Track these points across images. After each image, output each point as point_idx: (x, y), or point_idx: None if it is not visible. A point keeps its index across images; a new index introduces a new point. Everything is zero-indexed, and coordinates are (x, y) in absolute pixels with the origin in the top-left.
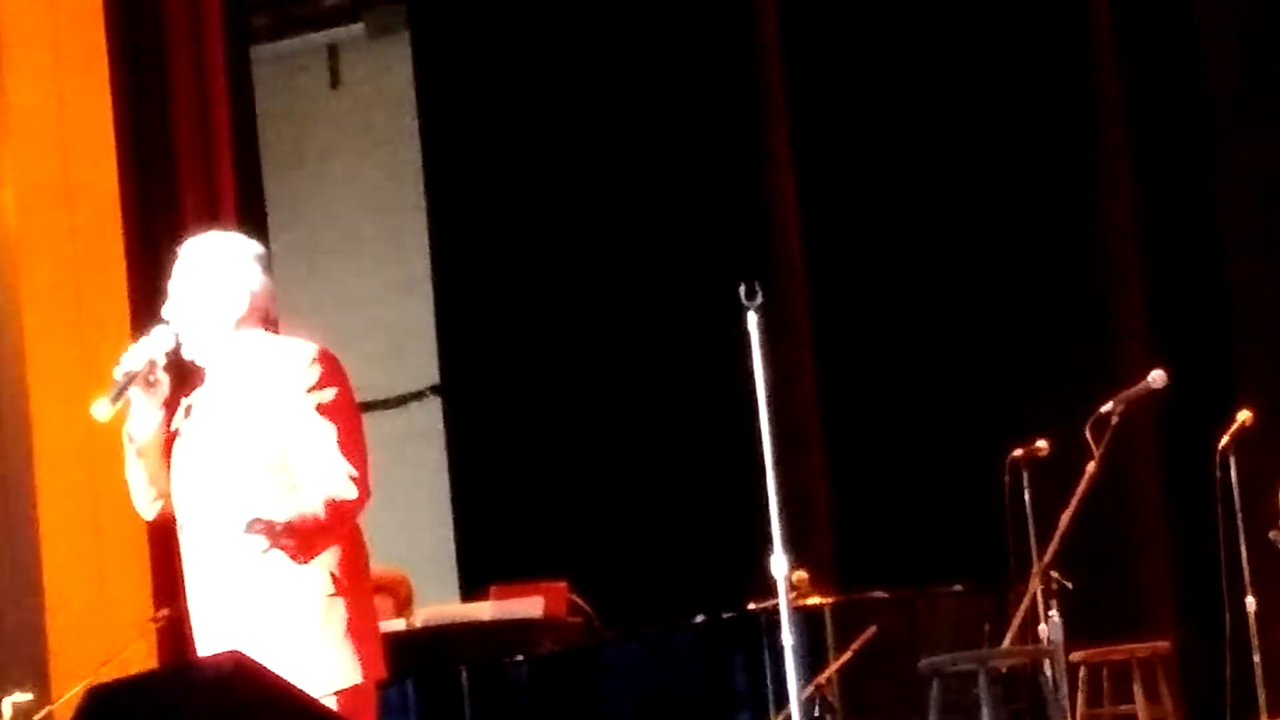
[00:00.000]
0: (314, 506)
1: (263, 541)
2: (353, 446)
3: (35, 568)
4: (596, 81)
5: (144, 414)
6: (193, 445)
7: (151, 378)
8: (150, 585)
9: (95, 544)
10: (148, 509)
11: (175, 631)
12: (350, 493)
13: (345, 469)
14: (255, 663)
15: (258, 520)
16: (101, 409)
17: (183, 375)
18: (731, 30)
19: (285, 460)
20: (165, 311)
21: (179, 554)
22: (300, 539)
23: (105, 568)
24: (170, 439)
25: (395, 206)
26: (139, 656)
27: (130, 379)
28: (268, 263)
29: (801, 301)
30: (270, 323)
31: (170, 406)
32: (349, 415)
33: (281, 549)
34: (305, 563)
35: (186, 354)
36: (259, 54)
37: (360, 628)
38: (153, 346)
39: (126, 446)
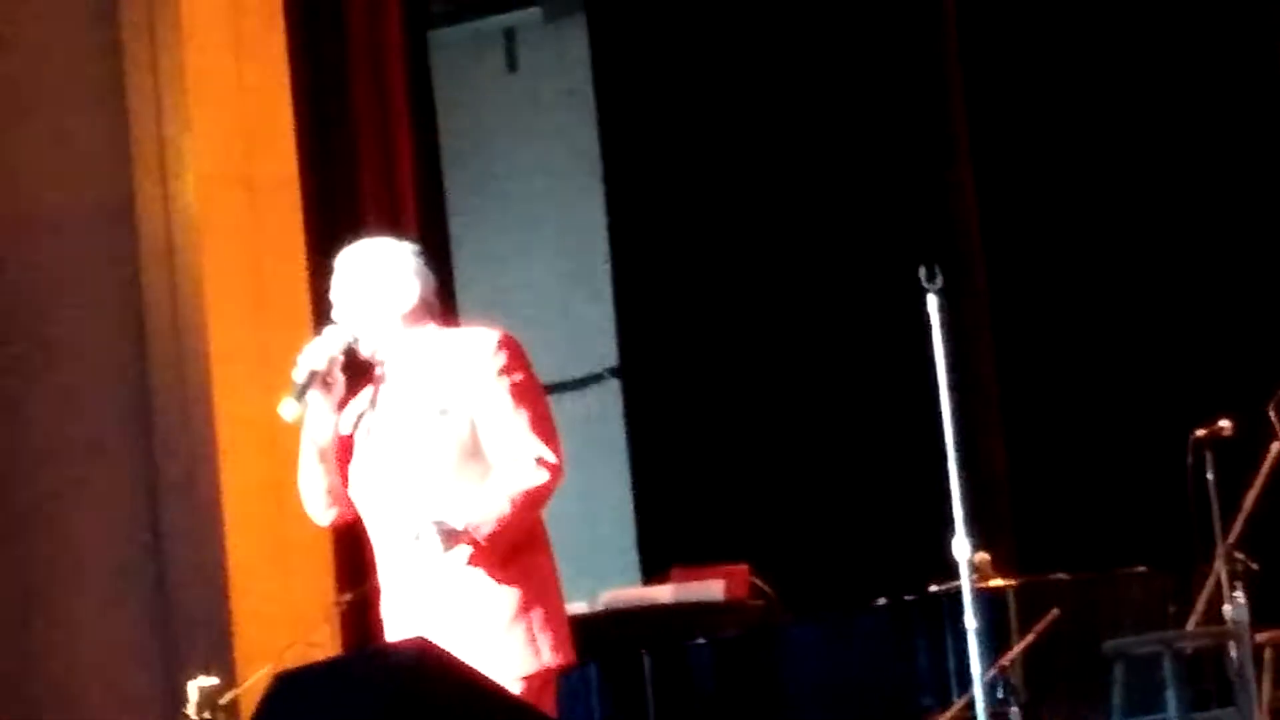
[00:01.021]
0: (499, 500)
1: (442, 544)
2: (545, 427)
3: (219, 553)
4: (775, 64)
5: (322, 415)
6: (377, 441)
7: (330, 378)
8: (333, 570)
9: (279, 529)
10: (323, 515)
11: (359, 616)
12: (540, 477)
13: (538, 451)
14: (440, 648)
15: (440, 526)
16: (288, 409)
17: (353, 375)
18: (914, 12)
19: (478, 447)
20: (334, 316)
21: (362, 540)
22: (487, 536)
23: (289, 552)
24: (344, 442)
25: (573, 189)
26: (323, 641)
27: (313, 377)
28: (425, 259)
29: (982, 283)
30: (437, 316)
31: (341, 409)
32: (538, 397)
33: (468, 543)
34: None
35: (364, 350)
36: (436, 39)
37: (559, 611)
38: (331, 344)
39: (306, 449)
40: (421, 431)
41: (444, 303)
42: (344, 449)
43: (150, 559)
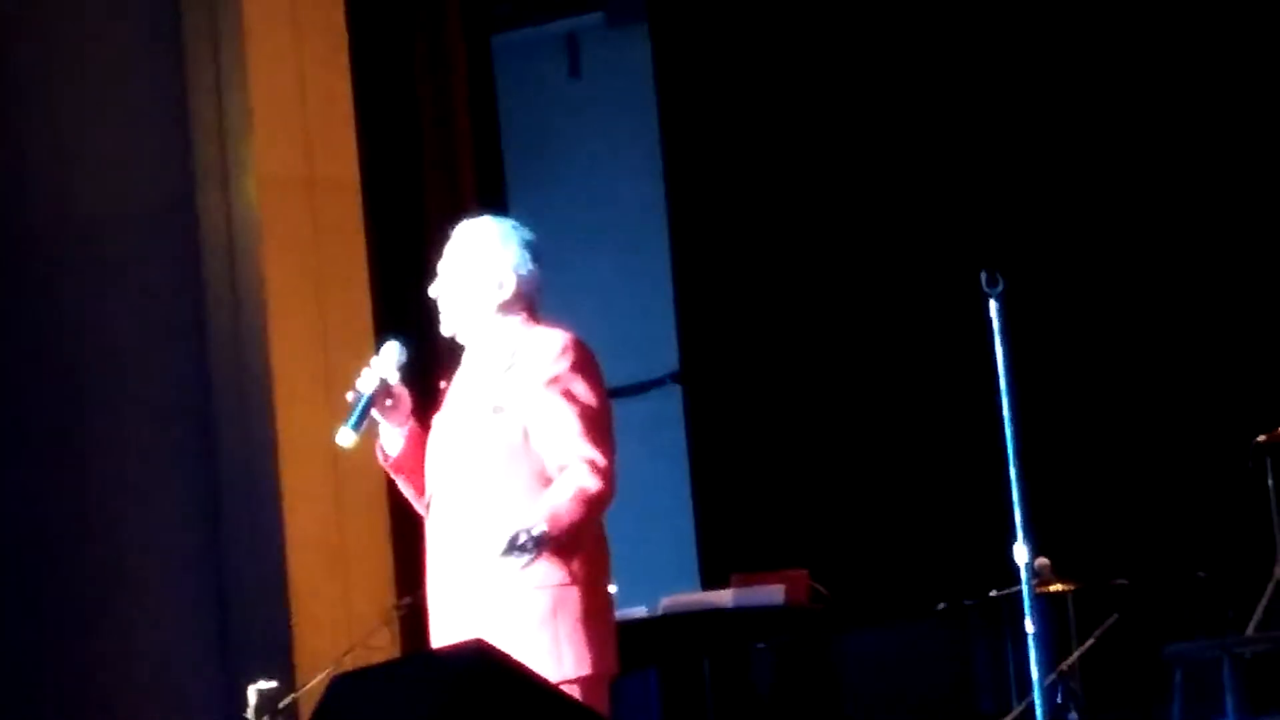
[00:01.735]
0: (565, 503)
1: (523, 557)
2: (599, 436)
3: (279, 558)
4: (836, 67)
5: (389, 431)
6: (445, 431)
7: (388, 400)
8: (392, 574)
9: (338, 534)
10: (425, 512)
11: (417, 620)
12: (595, 483)
13: (591, 457)
14: (499, 650)
15: (519, 535)
16: (345, 437)
17: (436, 362)
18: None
19: (527, 449)
20: (432, 289)
21: (421, 544)
22: (555, 541)
23: (348, 556)
24: (425, 440)
25: (635, 194)
26: (382, 644)
27: (369, 404)
28: (539, 251)
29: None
30: (534, 311)
31: (420, 407)
32: (598, 404)
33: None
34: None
35: (445, 331)
36: (498, 43)
37: (593, 619)
38: (384, 366)
39: (384, 465)
40: (473, 428)
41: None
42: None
43: (211, 565)
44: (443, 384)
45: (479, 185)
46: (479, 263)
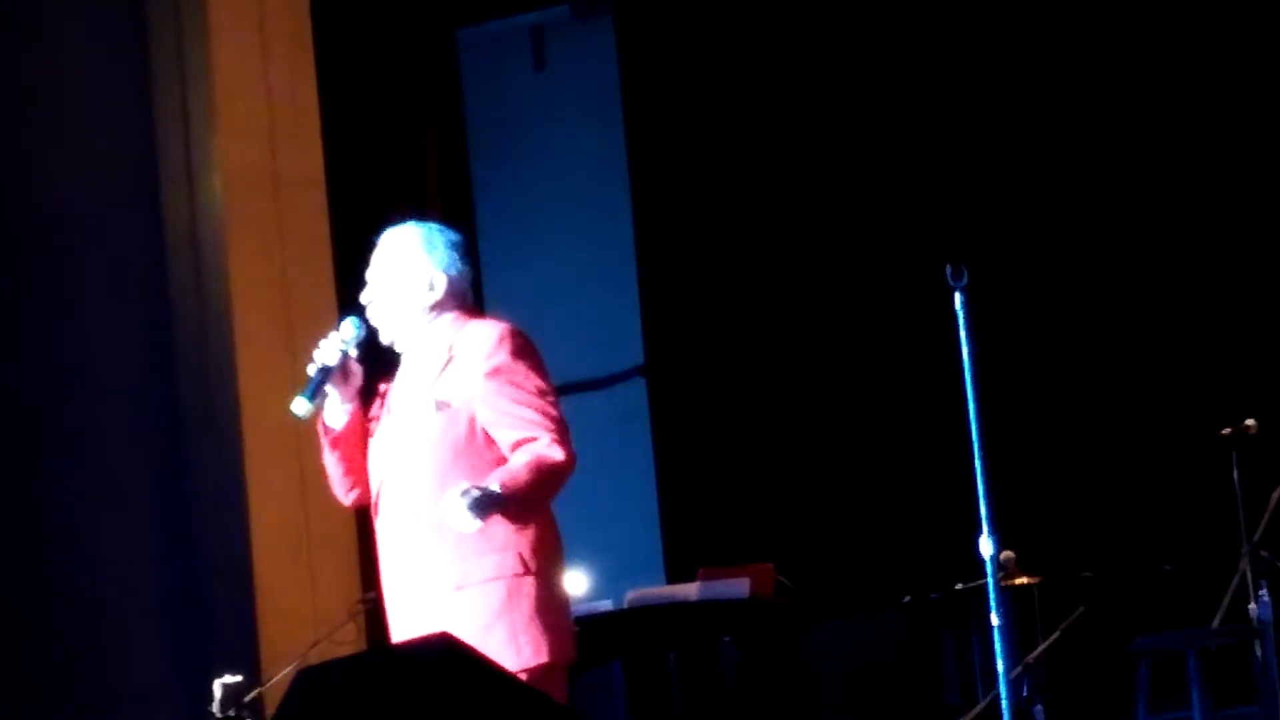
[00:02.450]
0: (520, 468)
1: (477, 514)
2: (552, 414)
3: (245, 552)
4: (801, 59)
5: (338, 406)
6: (389, 430)
7: (346, 371)
8: (358, 568)
9: (303, 528)
10: (344, 496)
11: (383, 614)
12: (556, 453)
13: (550, 428)
14: (463, 644)
15: (472, 491)
16: (300, 406)
17: (379, 362)
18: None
19: (473, 444)
20: (363, 298)
21: None
22: (514, 504)
23: (314, 551)
24: (367, 426)
25: (599, 188)
26: (348, 639)
27: (326, 374)
28: (465, 250)
29: (1008, 280)
30: (467, 308)
31: (363, 395)
32: (544, 389)
33: (502, 514)
34: (524, 523)
35: (384, 339)
36: (463, 37)
37: (549, 609)
38: (345, 339)
39: (322, 438)
40: (418, 424)
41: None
42: (365, 429)
43: (176, 559)
44: (382, 386)
45: (444, 179)
46: (408, 267)
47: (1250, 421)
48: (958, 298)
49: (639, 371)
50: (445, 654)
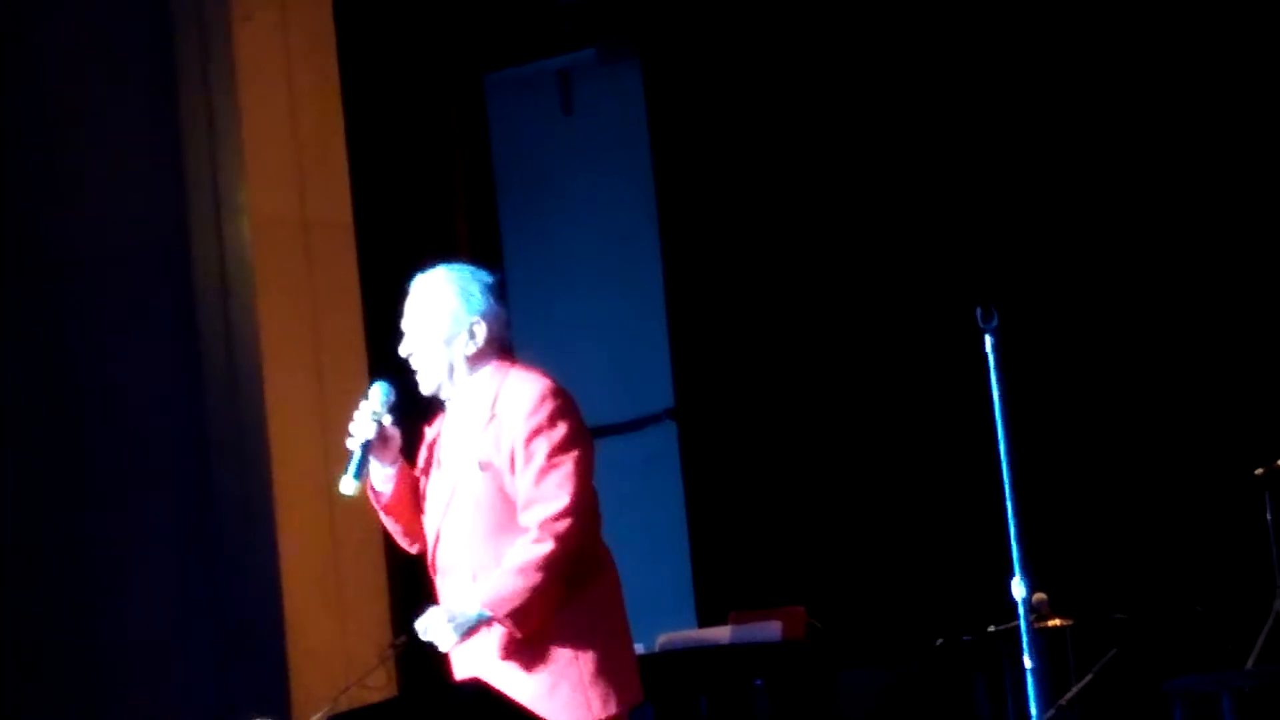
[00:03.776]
0: (508, 577)
1: (459, 636)
2: (569, 487)
3: (276, 597)
4: (828, 101)
5: (380, 472)
6: (439, 487)
7: (383, 438)
8: (389, 613)
9: (335, 572)
10: (409, 549)
11: (415, 659)
12: (542, 548)
13: (544, 516)
14: (495, 689)
15: (457, 617)
16: (348, 486)
17: (416, 409)
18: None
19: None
20: (402, 350)
21: (417, 583)
22: (510, 616)
23: (345, 595)
24: (416, 480)
25: (628, 231)
26: (378, 684)
27: (367, 449)
28: (499, 290)
29: (1038, 321)
30: (506, 354)
31: (405, 450)
32: (571, 454)
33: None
34: (523, 633)
35: (425, 390)
36: (491, 81)
37: (615, 658)
38: (375, 409)
39: (375, 504)
40: (464, 485)
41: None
42: (415, 482)
43: (208, 605)
44: (427, 432)
45: (473, 224)
46: (447, 316)
47: None
48: (988, 339)
49: (669, 414)
50: (477, 699)
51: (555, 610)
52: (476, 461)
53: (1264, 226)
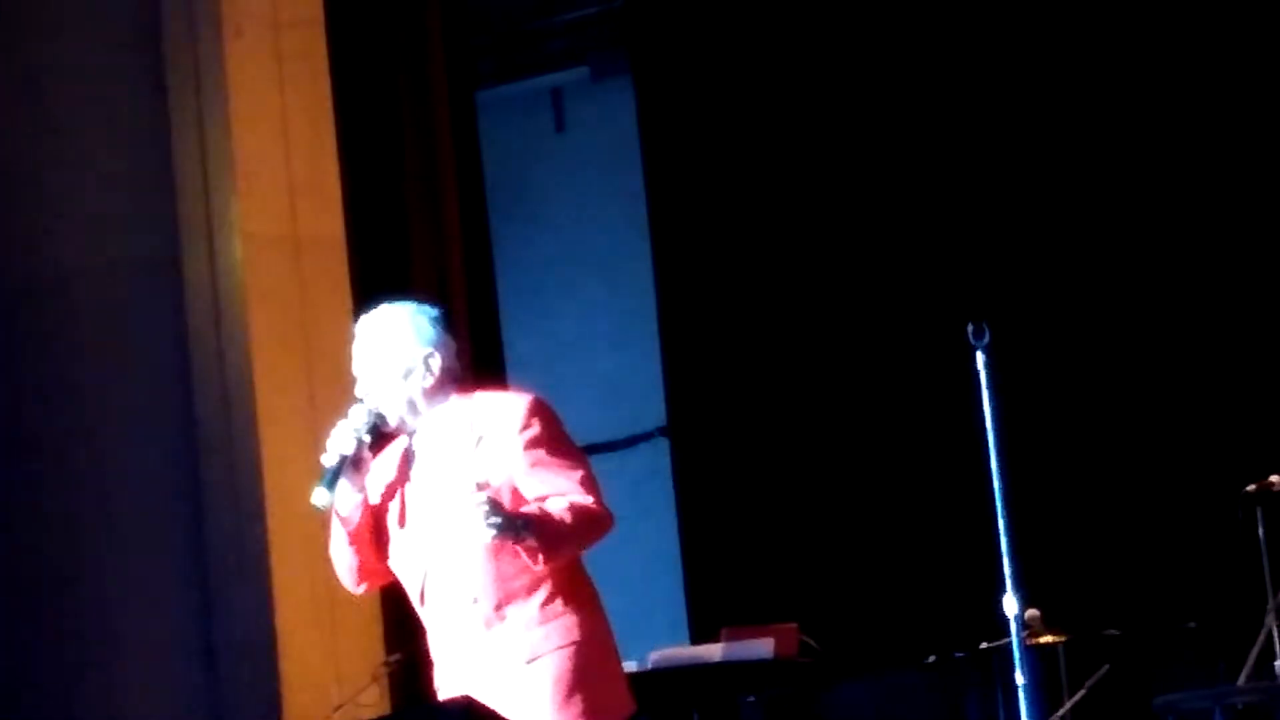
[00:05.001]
0: (560, 508)
1: (492, 523)
2: (591, 481)
3: (268, 615)
4: (820, 121)
5: (348, 495)
6: (423, 518)
7: (359, 458)
8: (381, 632)
9: (326, 591)
10: (354, 587)
11: (407, 677)
12: (596, 509)
13: (584, 495)
14: (486, 707)
15: (489, 502)
16: (321, 497)
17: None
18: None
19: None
20: (357, 391)
21: (409, 601)
22: (543, 538)
23: (337, 614)
24: (373, 511)
25: (621, 248)
26: (371, 702)
27: (343, 463)
28: (447, 322)
29: (1030, 337)
30: (458, 382)
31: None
32: (579, 456)
33: (519, 543)
34: (546, 563)
35: (391, 423)
36: (483, 99)
37: (616, 664)
38: (358, 425)
39: (336, 528)
40: (457, 508)
41: (466, 366)
42: (373, 518)
43: (200, 623)
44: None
45: (465, 241)
46: (400, 353)
47: (1275, 478)
48: (979, 356)
49: (661, 432)
50: (466, 715)
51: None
52: (474, 483)
53: (1253, 243)
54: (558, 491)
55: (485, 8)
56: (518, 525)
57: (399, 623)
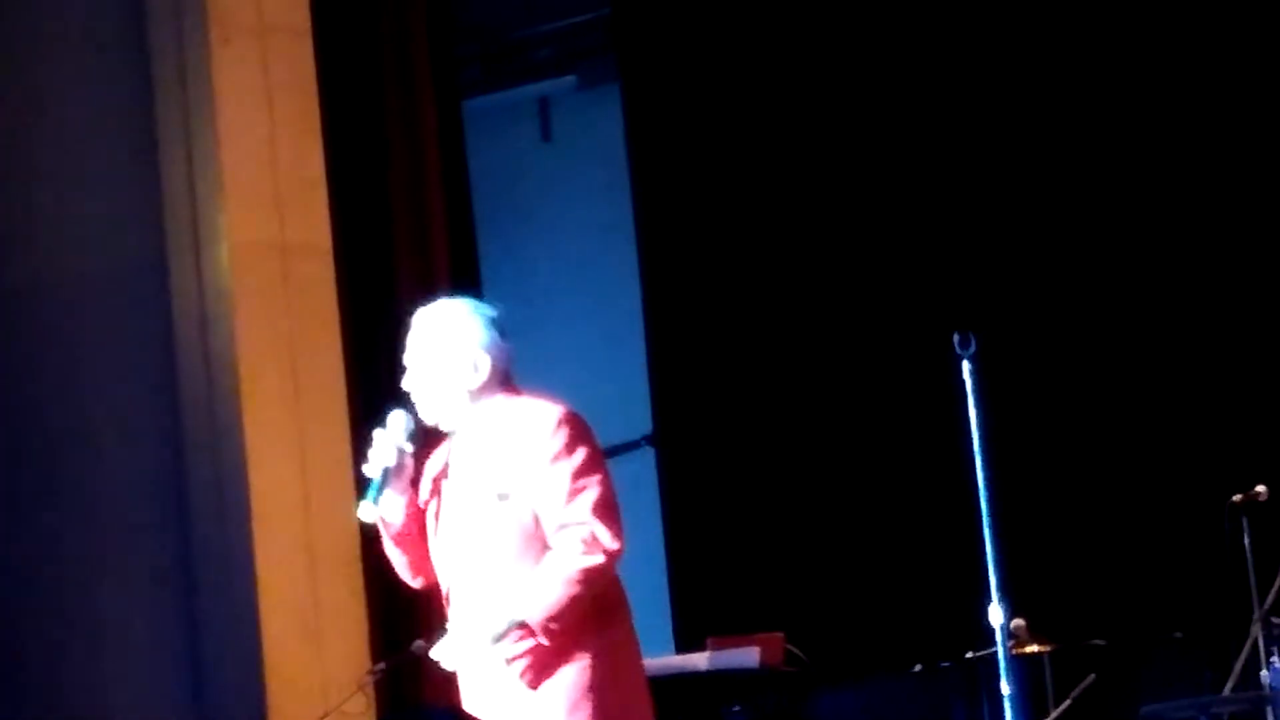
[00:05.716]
0: (551, 586)
1: (515, 646)
2: (604, 508)
3: (253, 623)
4: (808, 130)
5: (393, 500)
6: (451, 523)
7: (402, 466)
8: (367, 639)
9: (312, 599)
10: (411, 582)
11: (393, 685)
12: (593, 559)
13: (592, 532)
14: (468, 715)
15: (511, 629)
16: (368, 512)
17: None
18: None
19: (539, 531)
20: (404, 383)
21: (396, 609)
22: (541, 624)
23: (323, 622)
24: (420, 512)
25: (608, 257)
26: (357, 710)
27: (387, 476)
28: (502, 324)
29: (1016, 347)
30: (511, 386)
31: (414, 482)
32: (599, 475)
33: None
34: (557, 641)
35: (429, 422)
36: (470, 108)
37: (638, 674)
38: (396, 435)
39: (383, 534)
40: (482, 516)
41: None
42: (420, 516)
43: (184, 631)
44: (425, 462)
45: (451, 250)
46: (449, 349)
47: (1261, 488)
48: (965, 365)
49: (647, 440)
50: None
51: (580, 628)
52: (495, 493)
53: (1241, 255)
54: (574, 520)
55: (472, 16)
56: (509, 627)
57: (386, 632)
